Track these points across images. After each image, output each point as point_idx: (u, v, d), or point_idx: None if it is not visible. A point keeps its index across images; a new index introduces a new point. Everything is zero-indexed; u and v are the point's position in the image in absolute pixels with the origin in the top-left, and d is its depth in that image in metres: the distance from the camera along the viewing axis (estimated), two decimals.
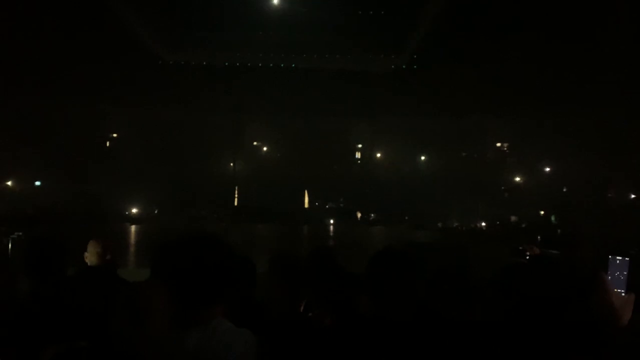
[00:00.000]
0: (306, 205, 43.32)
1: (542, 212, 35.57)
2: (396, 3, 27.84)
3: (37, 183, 37.72)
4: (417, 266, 2.18)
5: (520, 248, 3.23)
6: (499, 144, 45.76)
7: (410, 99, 34.99)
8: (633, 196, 35.07)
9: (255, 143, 47.80)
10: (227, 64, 34.31)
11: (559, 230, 19.41)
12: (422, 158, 44.38)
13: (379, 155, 44.12)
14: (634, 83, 23.50)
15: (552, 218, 30.23)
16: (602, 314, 2.35)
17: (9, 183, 36.83)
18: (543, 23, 24.71)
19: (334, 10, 28.34)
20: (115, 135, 43.85)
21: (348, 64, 34.94)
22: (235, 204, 42.59)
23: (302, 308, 2.59)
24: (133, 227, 32.13)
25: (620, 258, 2.66)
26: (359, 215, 41.57)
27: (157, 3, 28.09)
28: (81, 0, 24.49)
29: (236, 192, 43.15)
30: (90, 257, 3.20)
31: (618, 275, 2.68)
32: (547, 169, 42.17)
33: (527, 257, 3.20)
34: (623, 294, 2.50)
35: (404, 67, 33.30)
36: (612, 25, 21.61)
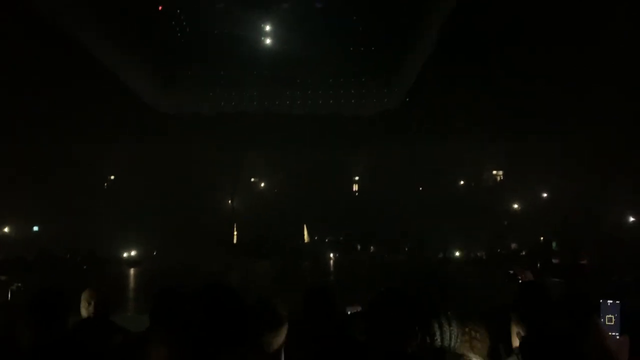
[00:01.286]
0: (306, 240, 43.10)
1: (541, 238, 35.46)
2: (389, 38, 28.33)
3: (35, 228, 37.58)
4: (415, 307, 2.21)
5: (511, 272, 3.26)
6: (494, 172, 45.98)
7: (406, 130, 35.29)
8: (632, 219, 35.08)
9: (252, 179, 47.94)
10: (222, 103, 34.67)
11: (554, 260, 19.30)
12: (420, 188, 44.48)
13: (376, 186, 44.19)
14: (631, 105, 23.75)
15: (554, 245, 30.12)
16: (599, 358, 2.36)
17: (7, 230, 36.69)
18: (535, 50, 25.14)
19: (327, 48, 28.81)
20: (112, 177, 43.94)
21: (342, 98, 35.35)
22: (234, 241, 42.38)
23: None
24: (132, 270, 31.89)
25: (612, 301, 2.67)
26: (358, 247, 41.37)
27: (152, 43, 28.51)
28: (75, 48, 24.79)
29: (235, 229, 43.00)
30: (85, 308, 3.22)
31: (610, 318, 2.69)
32: (545, 195, 42.26)
33: (520, 282, 3.23)
34: (617, 337, 2.52)
35: (398, 97, 33.65)
36: (606, 48, 21.97)
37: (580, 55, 23.75)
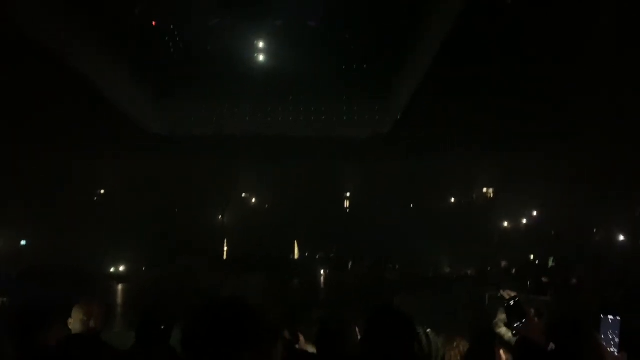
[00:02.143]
0: (296, 256, 42.98)
1: (532, 257, 35.55)
2: (385, 53, 28.55)
3: (23, 242, 37.15)
4: (411, 323, 2.20)
5: (499, 295, 3.24)
6: (485, 189, 46.23)
7: (399, 146, 35.40)
8: (622, 238, 35.25)
9: (244, 194, 47.85)
10: (214, 118, 34.63)
11: (544, 279, 19.28)
12: (412, 205, 44.60)
13: (368, 202, 44.23)
14: (624, 120, 23.94)
15: (550, 261, 30.15)
16: None
17: None
18: (529, 68, 25.40)
19: (320, 62, 28.95)
20: (102, 191, 43.70)
21: (335, 113, 35.42)
22: (224, 257, 42.16)
23: None
24: (120, 286, 31.58)
25: (612, 318, 2.67)
26: (349, 264, 41.24)
27: (145, 59, 28.50)
28: (65, 63, 24.75)
29: (225, 244, 42.80)
30: (74, 324, 3.15)
31: (610, 334, 2.68)
32: (535, 213, 42.49)
33: (506, 304, 3.21)
34: (616, 354, 2.51)
35: (391, 113, 33.78)
36: (601, 65, 22.21)
37: (571, 73, 24.01)
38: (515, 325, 3.05)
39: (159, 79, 30.70)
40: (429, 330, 2.83)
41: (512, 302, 3.16)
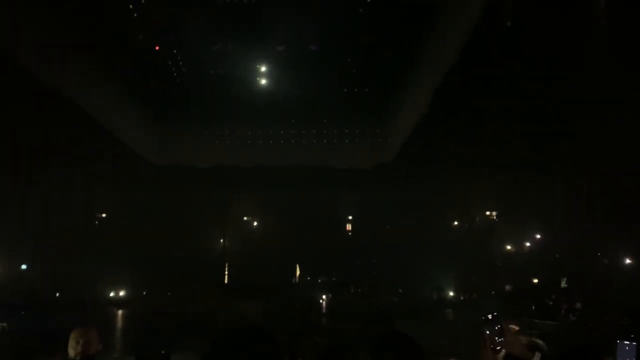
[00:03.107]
0: (297, 280, 42.71)
1: (535, 281, 35.28)
2: (384, 81, 28.78)
3: (24, 267, 37.00)
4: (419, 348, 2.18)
5: (489, 317, 3.22)
6: (488, 212, 46.01)
7: (399, 170, 35.37)
8: (628, 261, 34.91)
9: (245, 218, 47.68)
10: (217, 142, 34.74)
11: (550, 301, 19.12)
12: (414, 229, 44.34)
13: (370, 226, 44.03)
14: (629, 144, 23.86)
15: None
16: None
17: None
18: (528, 96, 25.55)
19: (321, 89, 29.13)
20: (103, 215, 43.61)
21: (335, 139, 35.53)
22: (225, 281, 41.89)
23: None
24: (120, 311, 31.37)
25: (628, 343, 2.63)
26: (351, 288, 40.99)
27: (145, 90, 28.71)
28: (66, 92, 25.00)
29: (226, 269, 42.55)
30: (73, 349, 3.13)
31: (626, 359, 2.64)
32: (539, 236, 42.21)
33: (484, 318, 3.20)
34: None
35: (393, 139, 33.84)
36: (604, 89, 22.24)
37: (574, 98, 24.11)
38: (495, 341, 3.07)
39: (160, 105, 30.89)
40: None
41: (489, 317, 3.16)
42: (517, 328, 3.36)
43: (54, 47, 22.21)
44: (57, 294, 34.55)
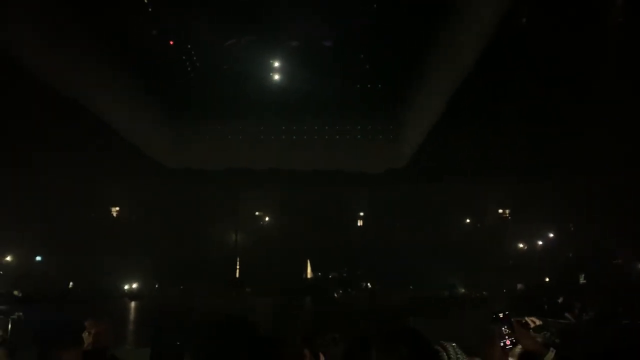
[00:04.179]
0: (309, 276, 42.79)
1: (547, 279, 35.05)
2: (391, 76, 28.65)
3: (38, 258, 37.49)
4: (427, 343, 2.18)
5: (499, 315, 3.22)
6: (500, 210, 45.75)
7: (412, 168, 35.24)
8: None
9: (257, 213, 47.80)
10: (229, 137, 34.79)
11: (559, 300, 18.99)
12: (425, 227, 44.20)
13: (382, 222, 43.98)
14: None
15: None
16: None
17: (9, 258, 36.62)
18: (544, 96, 25.39)
19: (334, 87, 29.06)
20: (117, 208, 44.00)
21: (348, 135, 35.41)
22: (237, 275, 42.10)
23: None
24: (133, 303, 31.67)
25: None
26: (363, 284, 41.00)
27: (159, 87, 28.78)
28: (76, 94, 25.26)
29: (238, 263, 42.76)
30: (85, 340, 3.20)
31: None
32: (551, 235, 41.93)
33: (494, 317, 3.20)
34: None
35: (406, 139, 33.66)
36: (614, 87, 22.05)
37: (585, 102, 23.95)
38: (505, 338, 3.09)
39: (174, 101, 30.97)
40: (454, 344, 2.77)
41: (500, 315, 3.17)
42: (538, 322, 3.36)
43: (68, 45, 22.32)
44: (71, 286, 34.98)
